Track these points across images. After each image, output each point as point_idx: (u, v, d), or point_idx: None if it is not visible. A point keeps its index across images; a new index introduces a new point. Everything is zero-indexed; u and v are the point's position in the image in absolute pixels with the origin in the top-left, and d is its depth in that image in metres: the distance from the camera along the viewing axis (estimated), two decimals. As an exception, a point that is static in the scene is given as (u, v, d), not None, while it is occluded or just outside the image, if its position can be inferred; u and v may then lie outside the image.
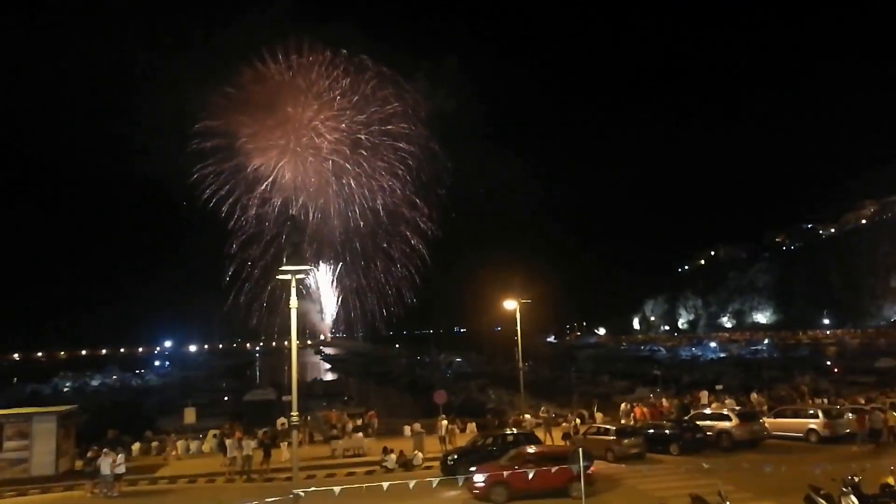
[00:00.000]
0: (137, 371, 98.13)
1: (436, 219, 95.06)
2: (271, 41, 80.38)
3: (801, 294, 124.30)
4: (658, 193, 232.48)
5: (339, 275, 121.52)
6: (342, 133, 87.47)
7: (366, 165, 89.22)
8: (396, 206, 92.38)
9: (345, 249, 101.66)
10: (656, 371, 55.08)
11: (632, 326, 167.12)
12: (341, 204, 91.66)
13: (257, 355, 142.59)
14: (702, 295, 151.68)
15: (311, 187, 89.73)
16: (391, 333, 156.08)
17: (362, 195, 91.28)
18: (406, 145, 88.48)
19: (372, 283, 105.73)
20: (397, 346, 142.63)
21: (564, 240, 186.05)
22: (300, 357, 24.98)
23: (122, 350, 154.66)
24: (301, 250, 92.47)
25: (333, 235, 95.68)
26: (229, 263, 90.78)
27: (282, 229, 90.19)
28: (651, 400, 36.38)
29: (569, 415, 32.36)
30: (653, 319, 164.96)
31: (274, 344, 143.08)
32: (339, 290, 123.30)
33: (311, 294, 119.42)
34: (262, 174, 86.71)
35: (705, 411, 27.44)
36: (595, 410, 34.02)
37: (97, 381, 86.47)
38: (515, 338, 32.23)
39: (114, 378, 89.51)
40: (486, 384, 62.66)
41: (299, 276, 16.90)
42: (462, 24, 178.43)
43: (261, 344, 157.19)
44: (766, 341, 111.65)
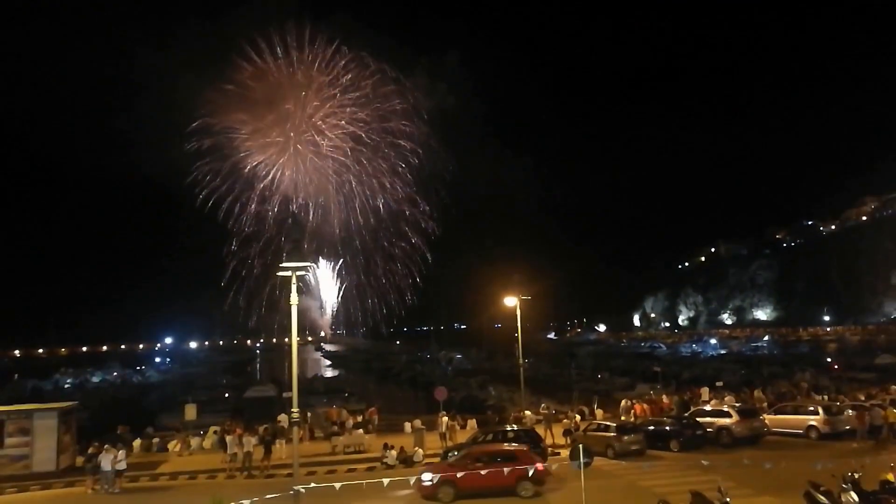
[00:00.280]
0: (138, 368, 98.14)
1: (436, 216, 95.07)
2: (271, 37, 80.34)
3: (802, 291, 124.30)
4: (659, 190, 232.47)
5: (340, 272, 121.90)
6: (343, 130, 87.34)
7: (366, 163, 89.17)
8: (397, 204, 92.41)
9: (345, 246, 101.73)
10: (656, 368, 55.08)
11: (632, 323, 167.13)
12: (342, 201, 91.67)
13: (258, 352, 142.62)
14: (702, 291, 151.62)
15: (312, 184, 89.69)
16: (392, 330, 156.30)
17: (363, 192, 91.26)
18: (407, 143, 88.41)
19: (372, 280, 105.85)
20: (398, 343, 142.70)
21: (565, 237, 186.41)
22: (301, 354, 25.02)
23: (123, 347, 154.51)
24: (301, 247, 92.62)
25: (334, 233, 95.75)
26: (230, 260, 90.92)
27: (282, 227, 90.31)
28: (651, 396, 36.43)
29: (569, 411, 32.40)
30: (653, 316, 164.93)
31: (274, 341, 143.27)
32: (340, 287, 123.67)
33: (312, 291, 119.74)
34: (262, 171, 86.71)
35: (705, 408, 27.48)
36: (595, 407, 34.04)
37: (98, 378, 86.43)
38: (516, 334, 32.25)
39: (115, 374, 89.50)
40: (487, 381, 62.62)
41: (300, 273, 16.89)
42: (463, 22, 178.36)
43: (261, 341, 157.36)
44: (767, 338, 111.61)
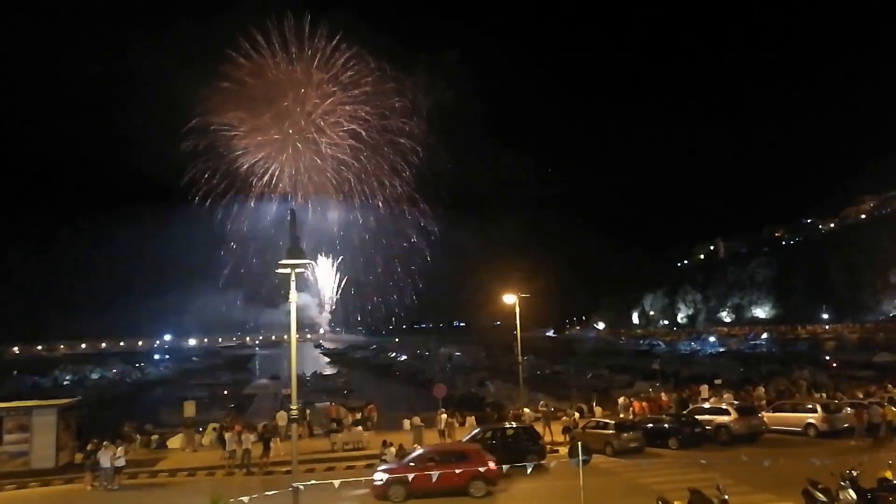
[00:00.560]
0: (137, 365, 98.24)
1: (436, 214, 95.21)
2: (270, 35, 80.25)
3: (801, 289, 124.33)
4: (658, 188, 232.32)
5: (339, 269, 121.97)
6: (342, 128, 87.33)
7: (366, 161, 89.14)
8: (397, 202, 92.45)
9: (344, 244, 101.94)
10: (655, 365, 55.12)
11: (631, 321, 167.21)
12: (341, 199, 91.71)
13: (257, 349, 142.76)
14: (701, 289, 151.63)
15: (311, 182, 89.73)
16: (391, 327, 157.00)
17: (362, 190, 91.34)
18: (406, 141, 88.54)
19: (372, 278, 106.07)
20: (397, 340, 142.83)
21: (564, 235, 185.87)
22: (300, 351, 24.97)
23: (122, 344, 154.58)
24: (300, 245, 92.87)
25: (333, 230, 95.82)
26: (229, 258, 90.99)
27: (281, 224, 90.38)
28: (650, 394, 36.45)
29: (568, 409, 32.41)
30: (652, 314, 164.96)
31: (273, 338, 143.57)
32: (339, 285, 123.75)
33: (311, 288, 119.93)
34: (261, 169, 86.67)
35: (704, 405, 27.50)
36: (594, 404, 34.06)
37: (97, 375, 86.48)
38: (515, 332, 32.25)
39: (114, 371, 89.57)
40: (486, 378, 62.74)
41: (299, 271, 16.85)
42: (462, 20, 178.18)
43: (261, 337, 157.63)
44: (765, 336, 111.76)
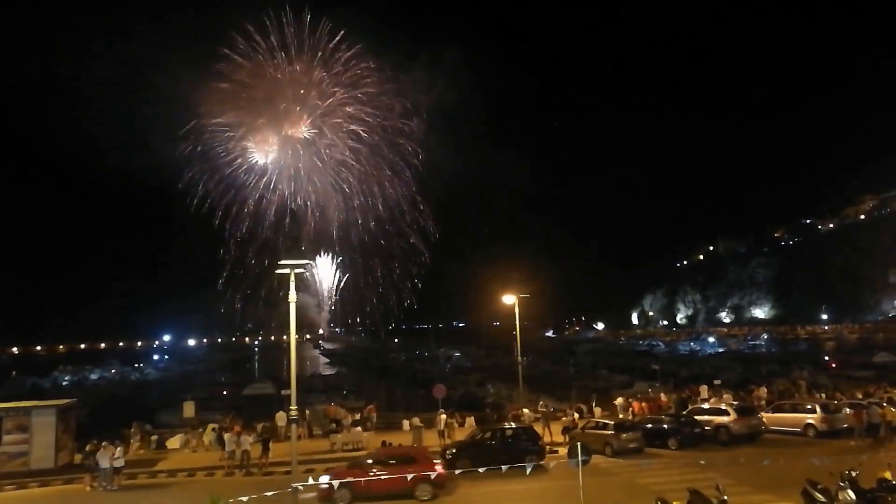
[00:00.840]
0: (136, 365, 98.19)
1: (435, 214, 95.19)
2: (269, 34, 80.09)
3: (800, 289, 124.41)
4: (657, 187, 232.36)
5: (339, 269, 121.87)
6: (342, 129, 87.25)
7: (365, 161, 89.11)
8: (396, 202, 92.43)
9: (344, 245, 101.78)
10: (655, 366, 55.14)
11: (630, 321, 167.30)
12: (340, 198, 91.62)
13: (256, 349, 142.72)
14: (701, 289, 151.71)
15: (310, 183, 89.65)
16: (391, 328, 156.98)
17: (361, 191, 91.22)
18: (406, 142, 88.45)
19: (371, 278, 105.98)
20: (396, 341, 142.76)
21: (563, 235, 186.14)
22: (299, 351, 24.97)
23: (122, 344, 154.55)
24: (300, 244, 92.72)
25: (332, 231, 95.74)
26: (228, 257, 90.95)
27: (280, 225, 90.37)
28: (649, 394, 36.46)
29: (567, 409, 32.42)
30: (651, 314, 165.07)
31: (273, 339, 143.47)
32: (339, 286, 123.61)
33: (310, 289, 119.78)
34: (259, 170, 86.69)
35: (704, 406, 27.54)
36: (593, 405, 34.08)
37: (96, 375, 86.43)
38: (514, 332, 32.27)
39: (113, 372, 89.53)
40: (485, 378, 62.73)
41: (298, 271, 16.89)
42: (462, 19, 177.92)
43: (259, 338, 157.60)
44: (765, 336, 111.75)
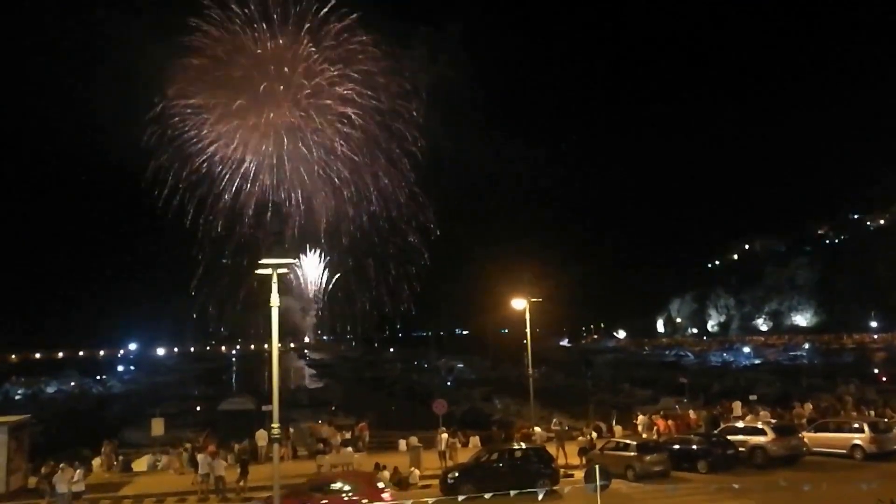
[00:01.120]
0: (98, 377, 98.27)
1: (436, 209, 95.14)
2: (249, 5, 79.86)
3: (846, 293, 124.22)
4: (686, 179, 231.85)
5: (327, 270, 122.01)
6: (331, 110, 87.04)
7: (358, 149, 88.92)
8: (392, 194, 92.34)
9: (333, 243, 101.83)
10: (683, 379, 54.95)
11: (655, 328, 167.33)
12: (329, 190, 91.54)
13: (233, 360, 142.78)
14: (734, 293, 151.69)
15: (295, 173, 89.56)
16: (385, 336, 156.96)
17: (353, 181, 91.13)
18: (403, 128, 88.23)
19: (364, 280, 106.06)
20: (392, 350, 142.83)
21: (580, 232, 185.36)
22: (282, 362, 24.98)
23: (82, 353, 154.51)
24: (283, 242, 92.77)
25: (320, 228, 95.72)
26: (202, 257, 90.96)
27: (261, 221, 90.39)
28: (677, 411, 36.46)
29: (584, 427, 32.45)
30: (679, 321, 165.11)
31: (252, 347, 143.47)
32: (327, 288, 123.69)
33: (295, 292, 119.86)
34: (238, 159, 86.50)
35: (737, 424, 27.54)
36: (613, 423, 34.10)
37: (53, 388, 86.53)
38: (525, 341, 32.26)
39: (72, 384, 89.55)
40: (492, 392, 62.90)
41: (281, 271, 16.88)
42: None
43: (237, 347, 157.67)
44: (807, 346, 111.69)
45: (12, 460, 24.10)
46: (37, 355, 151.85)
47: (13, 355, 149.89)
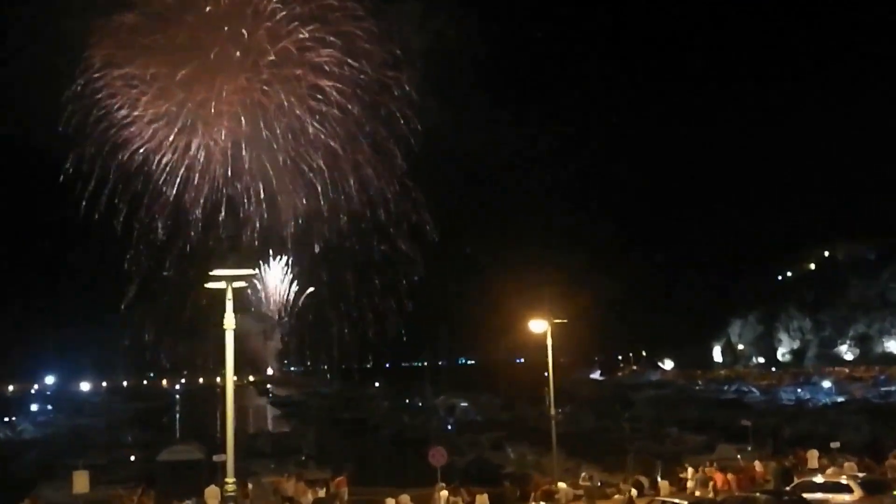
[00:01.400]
0: (6, 419, 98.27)
1: (433, 208, 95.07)
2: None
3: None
4: (748, 170, 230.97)
5: (296, 284, 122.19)
6: (301, 83, 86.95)
7: (334, 130, 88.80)
8: (378, 189, 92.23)
9: (303, 248, 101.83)
10: (745, 421, 55.11)
11: (711, 358, 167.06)
12: (299, 184, 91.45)
13: (177, 397, 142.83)
14: (811, 313, 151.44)
15: (255, 164, 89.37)
16: (368, 366, 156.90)
17: (329, 174, 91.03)
18: (393, 103, 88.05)
19: (342, 297, 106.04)
20: (377, 385, 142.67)
21: (615, 235, 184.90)
22: (238, 399, 24.94)
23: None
24: (240, 248, 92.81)
25: (287, 230, 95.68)
26: (136, 269, 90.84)
27: (213, 220, 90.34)
28: (738, 462, 36.40)
29: (621, 483, 32.39)
30: (741, 348, 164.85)
31: (201, 381, 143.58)
32: (296, 306, 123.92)
33: (255, 310, 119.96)
34: (185, 143, 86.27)
35: (815, 479, 27.53)
36: (658, 477, 34.07)
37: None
38: (545, 373, 32.27)
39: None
40: (504, 439, 63.02)
41: (238, 285, 16.92)
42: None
43: (182, 381, 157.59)
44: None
45: None
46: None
47: None
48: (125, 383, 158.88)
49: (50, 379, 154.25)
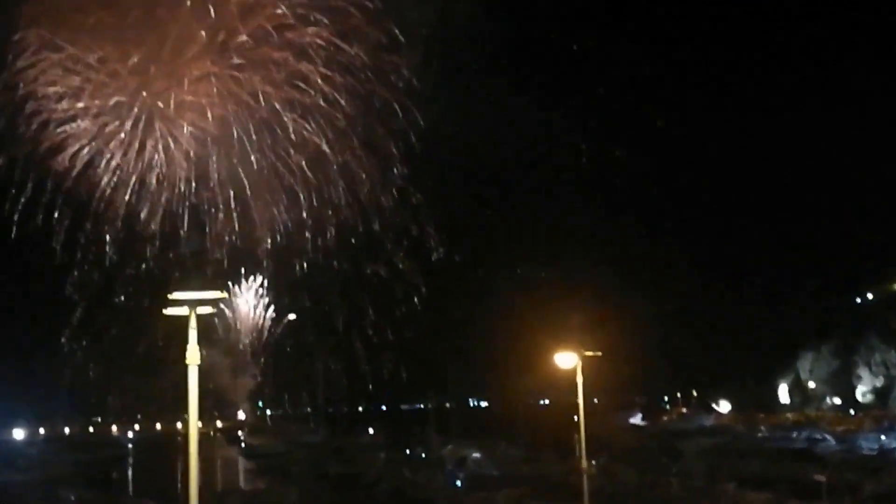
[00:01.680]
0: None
1: (438, 217, 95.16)
2: None
3: None
4: (819, 175, 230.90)
5: (273, 310, 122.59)
6: (279, 70, 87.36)
7: (319, 125, 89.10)
8: (371, 194, 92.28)
9: (282, 269, 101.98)
10: (819, 476, 55.15)
11: (776, 398, 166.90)
12: (277, 192, 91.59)
13: (130, 446, 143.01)
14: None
15: (225, 164, 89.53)
16: (360, 410, 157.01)
17: (314, 178, 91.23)
18: (389, 92, 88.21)
19: (328, 326, 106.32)
20: (371, 432, 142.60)
21: (658, 251, 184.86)
22: (204, 450, 24.92)
23: None
24: (204, 267, 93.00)
25: (262, 245, 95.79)
26: (79, 294, 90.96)
27: (172, 234, 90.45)
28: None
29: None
30: (812, 386, 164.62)
31: (159, 427, 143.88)
32: (273, 337, 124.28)
33: (223, 342, 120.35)
34: (139, 141, 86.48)
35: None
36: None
37: None
38: (575, 417, 32.26)
39: None
40: (526, 497, 62.92)
41: (203, 311, 16.95)
42: None
43: (136, 427, 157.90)
44: None
45: None
46: None
47: None
48: (67, 430, 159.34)
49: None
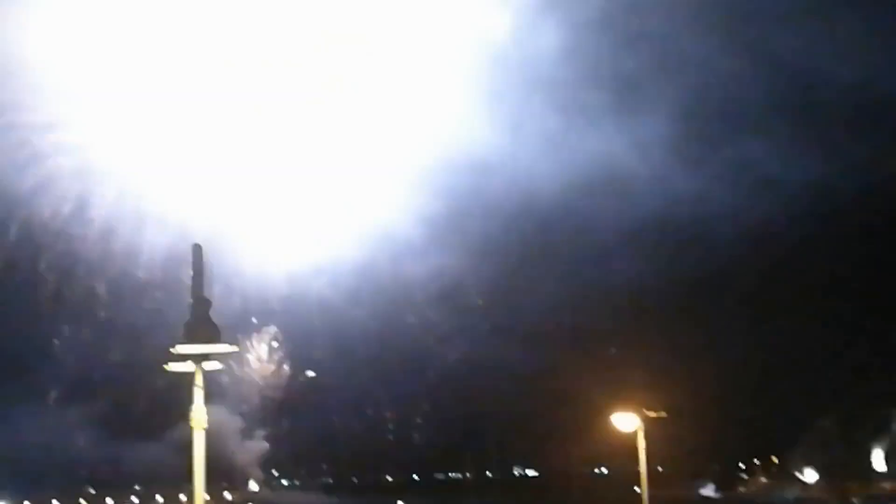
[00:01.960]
0: None
1: (476, 261, 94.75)
2: None
3: None
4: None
5: (288, 365, 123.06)
6: (298, 73, 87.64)
7: (337, 153, 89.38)
8: (401, 235, 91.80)
9: (298, 318, 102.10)
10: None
11: (869, 464, 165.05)
12: (291, 228, 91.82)
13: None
14: None
15: (228, 186, 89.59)
16: (389, 479, 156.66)
17: (333, 213, 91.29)
18: (422, 115, 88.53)
19: (351, 381, 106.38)
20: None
21: (728, 297, 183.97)
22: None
23: None
24: (207, 315, 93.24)
25: (275, 292, 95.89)
26: (66, 351, 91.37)
27: (172, 279, 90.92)
28: None
29: None
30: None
31: (160, 499, 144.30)
32: (288, 396, 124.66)
33: (232, 399, 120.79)
34: (124, 171, 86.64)
35: None
36: None
37: None
38: (636, 488, 32.15)
39: None
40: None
41: (211, 368, 17.06)
42: None
43: (134, 499, 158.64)
44: None
45: None
46: None
47: None
48: (54, 502, 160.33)
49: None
